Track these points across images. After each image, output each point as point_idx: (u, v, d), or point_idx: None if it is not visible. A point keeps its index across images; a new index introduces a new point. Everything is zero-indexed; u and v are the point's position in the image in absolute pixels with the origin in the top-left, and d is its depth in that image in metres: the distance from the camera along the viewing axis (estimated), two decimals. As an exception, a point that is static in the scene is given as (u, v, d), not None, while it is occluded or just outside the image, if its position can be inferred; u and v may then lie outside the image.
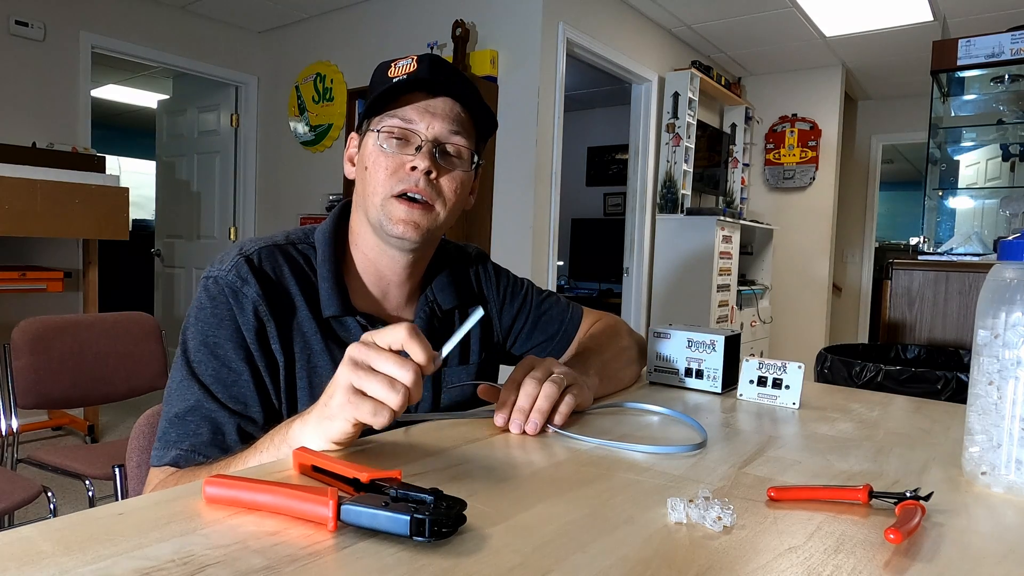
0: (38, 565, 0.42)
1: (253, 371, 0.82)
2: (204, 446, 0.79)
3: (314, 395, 0.86)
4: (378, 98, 0.86)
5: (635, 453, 0.72)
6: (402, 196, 0.86)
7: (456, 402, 0.97)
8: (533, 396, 0.78)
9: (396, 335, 0.63)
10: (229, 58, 4.72)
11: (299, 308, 0.87)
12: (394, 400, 0.61)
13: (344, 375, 0.63)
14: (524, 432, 0.77)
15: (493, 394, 0.83)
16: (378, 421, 0.62)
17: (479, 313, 0.71)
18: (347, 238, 0.94)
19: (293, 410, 0.85)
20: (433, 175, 0.86)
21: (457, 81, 0.88)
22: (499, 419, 0.79)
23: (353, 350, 0.63)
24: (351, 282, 0.92)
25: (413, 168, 0.85)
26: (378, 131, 0.87)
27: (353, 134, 0.95)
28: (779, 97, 5.38)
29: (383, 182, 0.86)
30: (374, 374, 0.62)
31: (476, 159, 0.91)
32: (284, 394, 0.85)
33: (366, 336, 0.65)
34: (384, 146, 0.86)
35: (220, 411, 0.80)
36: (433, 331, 0.96)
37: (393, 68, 0.87)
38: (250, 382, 0.82)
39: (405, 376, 0.62)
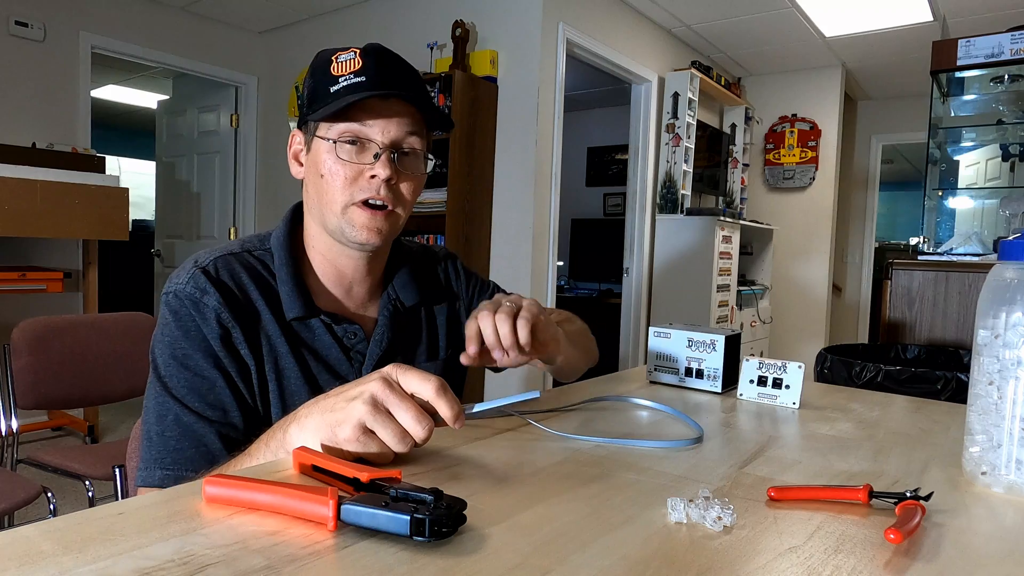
0: (38, 565, 0.42)
1: (226, 376, 0.82)
2: (188, 461, 0.78)
3: (284, 397, 0.85)
4: (326, 103, 0.83)
5: (635, 453, 0.72)
6: (363, 203, 0.85)
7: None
8: (492, 327, 0.80)
9: (425, 387, 0.62)
10: (229, 58, 4.72)
11: (262, 312, 0.86)
12: (401, 448, 0.61)
13: (360, 411, 0.60)
14: (496, 365, 0.83)
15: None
16: (381, 459, 0.62)
17: (534, 394, 0.73)
18: (303, 240, 0.93)
19: (267, 412, 0.85)
20: (393, 181, 0.85)
21: (406, 80, 0.86)
22: (472, 349, 0.81)
23: (376, 388, 0.61)
24: (312, 283, 0.91)
25: (373, 176, 0.84)
26: (331, 140, 0.84)
27: (296, 130, 0.92)
28: (779, 97, 5.38)
29: (342, 190, 0.84)
30: (390, 420, 0.61)
31: (429, 156, 0.90)
32: (259, 397, 0.85)
33: (393, 371, 0.63)
34: (340, 154, 0.84)
35: (199, 422, 0.79)
36: (397, 328, 0.96)
37: (335, 64, 0.84)
38: (225, 387, 0.81)
39: (419, 432, 0.61)
